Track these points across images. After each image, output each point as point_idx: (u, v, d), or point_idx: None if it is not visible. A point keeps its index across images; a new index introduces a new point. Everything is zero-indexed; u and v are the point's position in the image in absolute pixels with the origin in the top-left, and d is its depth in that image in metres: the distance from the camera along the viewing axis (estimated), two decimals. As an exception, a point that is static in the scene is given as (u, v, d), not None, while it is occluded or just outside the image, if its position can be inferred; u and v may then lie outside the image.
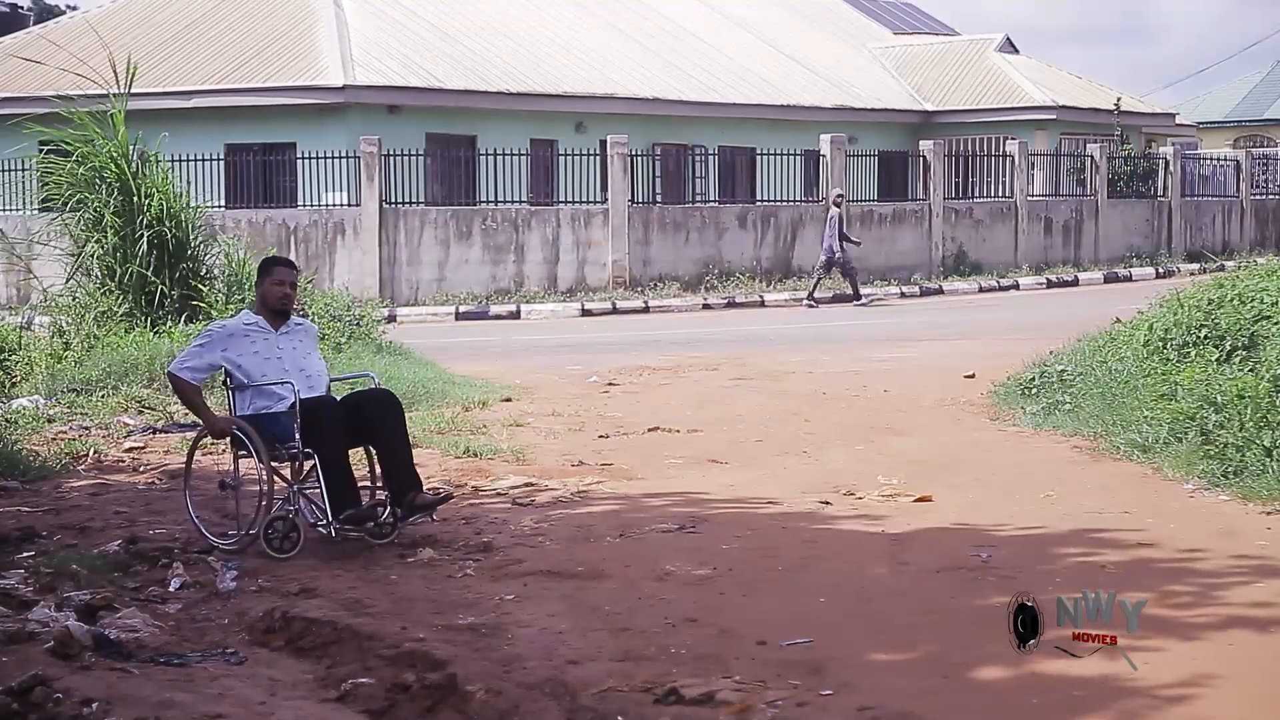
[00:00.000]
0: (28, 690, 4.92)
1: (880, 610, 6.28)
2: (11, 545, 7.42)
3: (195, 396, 7.82)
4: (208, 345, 7.79)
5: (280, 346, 7.83)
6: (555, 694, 5.16)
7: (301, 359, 7.88)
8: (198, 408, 7.85)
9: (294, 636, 5.95)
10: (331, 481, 7.48)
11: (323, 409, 7.61)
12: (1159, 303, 12.12)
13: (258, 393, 7.72)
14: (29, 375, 13.32)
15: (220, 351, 7.75)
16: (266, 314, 7.91)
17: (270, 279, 7.94)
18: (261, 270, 8.11)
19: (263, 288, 7.97)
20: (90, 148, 15.17)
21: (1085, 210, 32.43)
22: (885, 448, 10.54)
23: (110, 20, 28.42)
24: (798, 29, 39.15)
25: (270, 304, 7.91)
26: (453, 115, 27.52)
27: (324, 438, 7.49)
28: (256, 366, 7.74)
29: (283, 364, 7.78)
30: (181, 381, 7.80)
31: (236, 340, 7.78)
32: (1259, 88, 55.63)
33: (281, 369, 7.75)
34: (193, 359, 7.79)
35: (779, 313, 24.56)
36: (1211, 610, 6.10)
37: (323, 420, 7.52)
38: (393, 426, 7.70)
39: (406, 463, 7.71)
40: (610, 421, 11.96)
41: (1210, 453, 8.77)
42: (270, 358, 7.76)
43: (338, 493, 7.47)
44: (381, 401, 7.81)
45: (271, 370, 7.74)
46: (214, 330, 7.96)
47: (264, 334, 7.83)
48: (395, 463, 7.65)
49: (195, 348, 7.85)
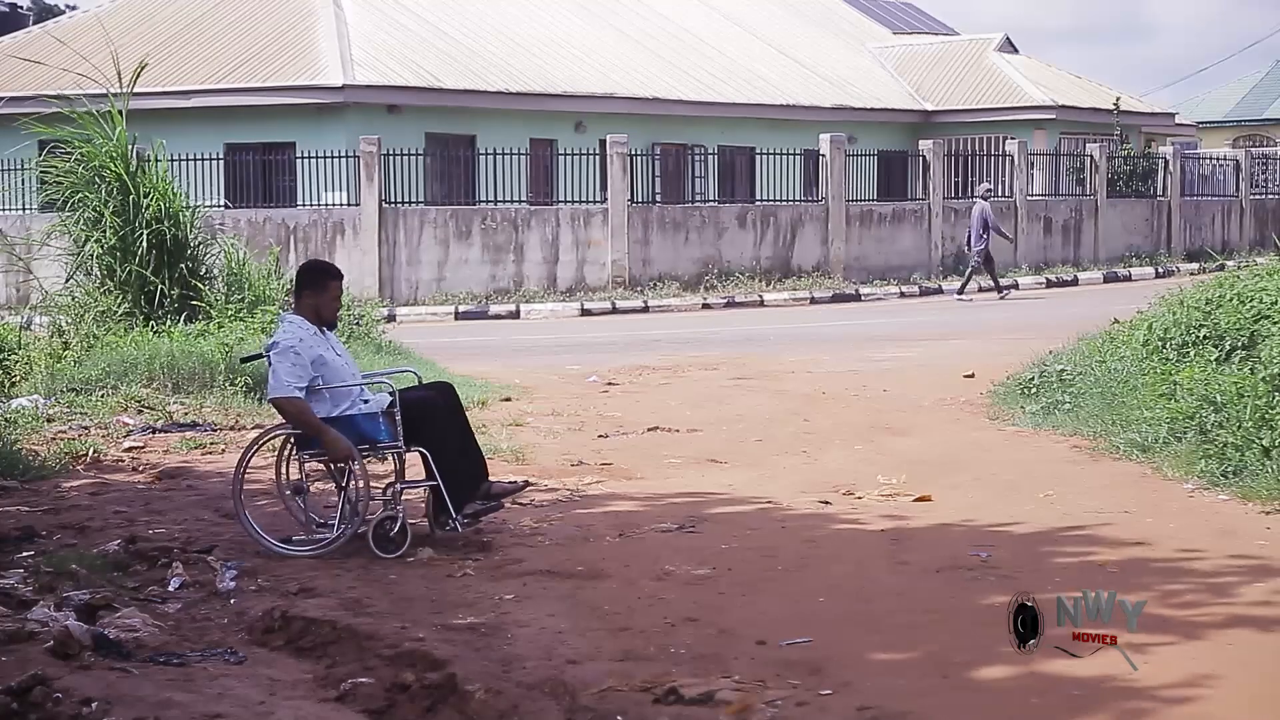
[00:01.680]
0: (27, 690, 4.91)
1: (880, 610, 6.27)
2: (11, 545, 7.41)
3: (311, 415, 7.43)
4: (296, 359, 7.44)
5: (336, 350, 7.73)
6: (555, 694, 5.16)
7: (351, 361, 7.87)
8: (319, 429, 7.42)
9: (294, 636, 5.95)
10: (450, 476, 7.48)
11: (430, 404, 7.63)
12: (1158, 302, 12.11)
13: (336, 394, 7.54)
14: (28, 375, 13.30)
15: (309, 361, 7.50)
16: (314, 320, 7.70)
17: (327, 294, 7.73)
18: (315, 281, 7.79)
19: (317, 300, 7.70)
20: (90, 147, 15.16)
21: (1085, 210, 32.43)
22: (885, 447, 10.54)
23: (110, 20, 28.39)
24: (797, 29, 39.15)
25: (326, 318, 7.75)
26: (452, 115, 27.52)
27: (433, 433, 7.49)
28: (333, 369, 7.58)
29: (348, 367, 7.69)
30: (297, 401, 7.43)
31: (309, 346, 7.54)
32: (1258, 87, 55.61)
33: (349, 372, 7.67)
34: (293, 378, 7.43)
35: (778, 312, 24.56)
36: (1211, 610, 6.10)
37: (429, 417, 7.52)
38: (460, 416, 7.80)
39: (477, 451, 7.81)
40: (610, 421, 11.96)
41: (1209, 452, 8.77)
42: (333, 358, 7.63)
43: (457, 487, 7.51)
44: (447, 393, 7.87)
45: (343, 372, 7.63)
46: (293, 343, 7.49)
47: (320, 338, 7.64)
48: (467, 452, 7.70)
49: (288, 365, 7.42)
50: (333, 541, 7.41)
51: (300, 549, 7.41)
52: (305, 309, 7.73)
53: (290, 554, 7.36)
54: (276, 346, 7.56)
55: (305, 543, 7.48)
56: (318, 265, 8.20)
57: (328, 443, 7.43)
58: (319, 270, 7.98)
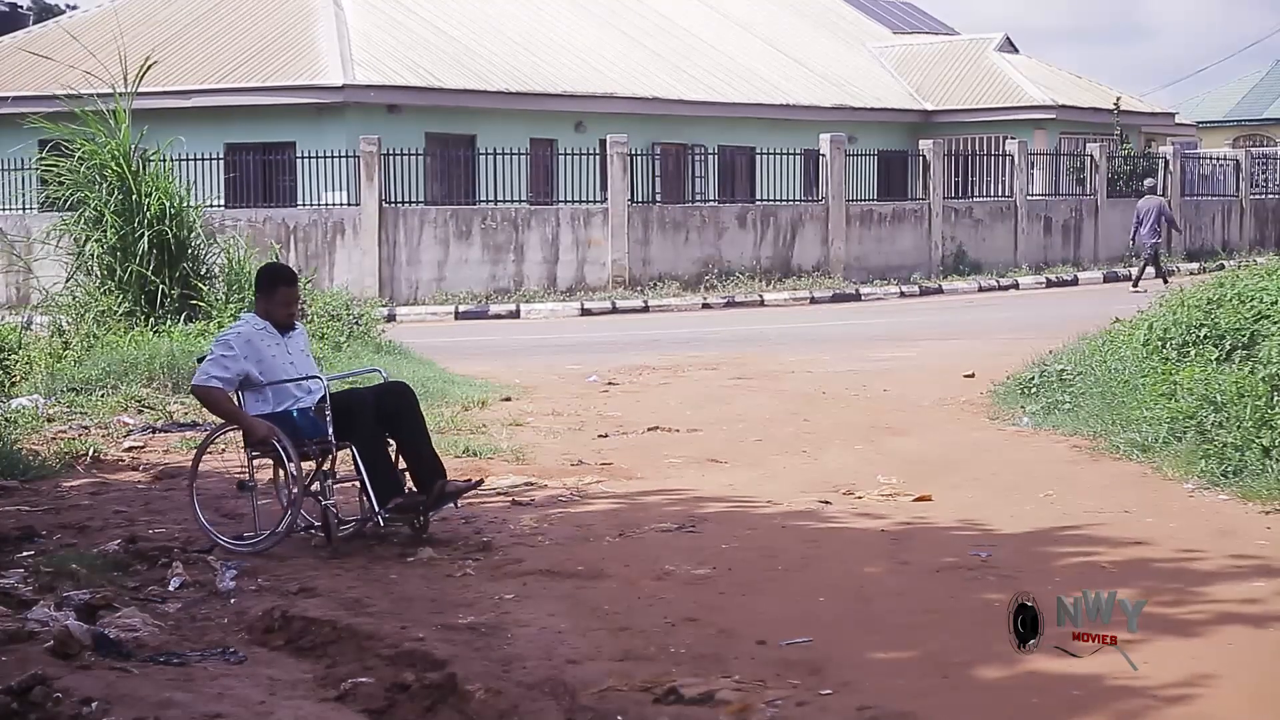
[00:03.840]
0: (27, 689, 4.92)
1: (880, 610, 6.28)
2: (11, 545, 7.42)
3: (228, 404, 7.75)
4: (233, 354, 7.70)
5: (290, 350, 7.89)
6: (555, 693, 5.16)
7: (305, 363, 7.98)
8: (234, 415, 7.76)
9: (294, 636, 5.95)
10: (375, 472, 7.55)
11: (355, 401, 7.74)
12: (1159, 302, 12.12)
13: (277, 391, 7.74)
14: (29, 375, 13.30)
15: (244, 356, 7.71)
16: (272, 322, 7.91)
17: (275, 299, 7.91)
18: (265, 285, 8.03)
19: (268, 305, 7.92)
20: (93, 145, 15.16)
21: (1085, 210, 32.43)
22: (885, 447, 10.54)
23: (110, 19, 28.37)
24: (797, 28, 39.15)
25: (275, 319, 7.91)
26: (452, 115, 27.52)
27: (360, 429, 7.58)
28: (277, 367, 7.77)
29: (295, 368, 7.84)
30: (214, 391, 7.71)
31: (255, 343, 7.77)
32: (1258, 87, 55.60)
33: (297, 371, 7.82)
34: (219, 370, 7.69)
35: (778, 312, 24.56)
36: (1211, 609, 6.10)
37: (357, 412, 7.60)
38: (412, 416, 7.82)
39: (429, 451, 7.83)
40: (610, 421, 11.96)
41: (1209, 452, 8.77)
42: (285, 362, 7.82)
43: (382, 483, 7.56)
44: (398, 392, 7.91)
45: (289, 370, 7.80)
46: (231, 338, 7.83)
47: (274, 338, 7.85)
48: (419, 451, 7.77)
49: (219, 357, 7.71)
50: (268, 537, 7.52)
51: (244, 544, 7.53)
52: (259, 309, 8.00)
53: (236, 549, 7.48)
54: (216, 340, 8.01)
55: (251, 539, 7.59)
56: (268, 269, 8.41)
57: (244, 427, 7.71)
58: (269, 274, 8.21)
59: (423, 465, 7.74)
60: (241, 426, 7.74)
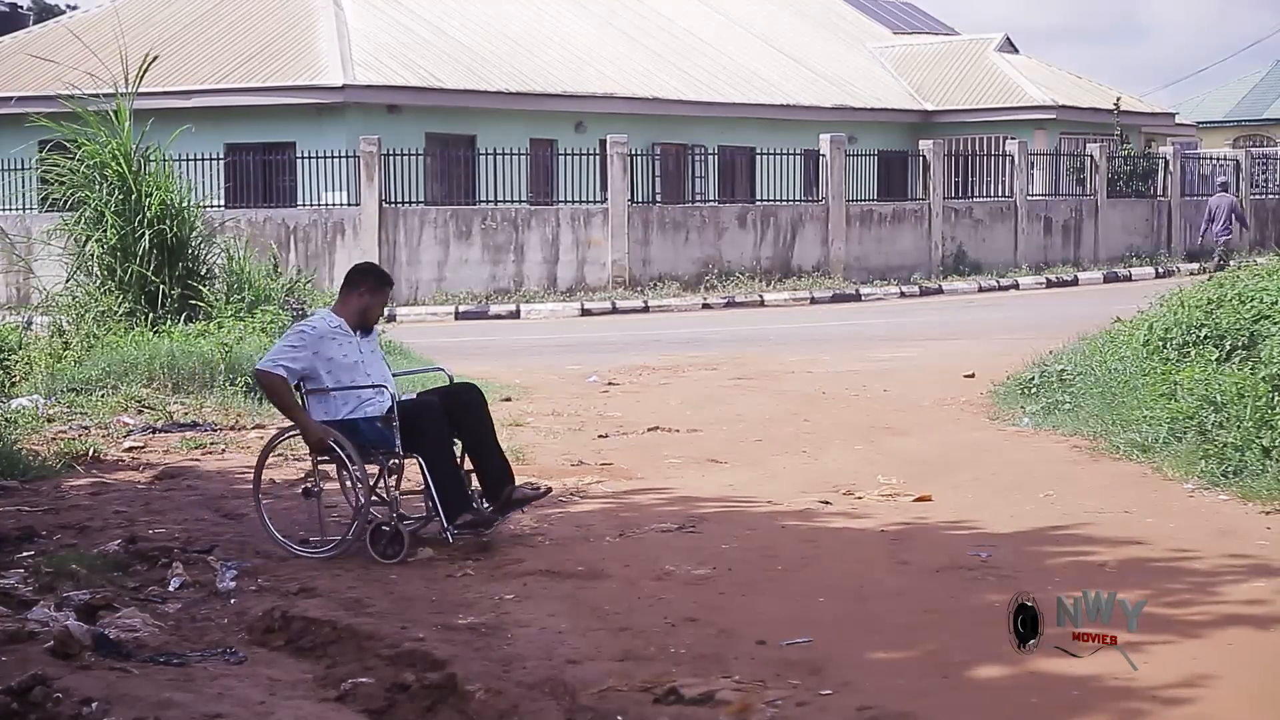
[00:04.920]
0: (27, 690, 4.92)
1: (880, 610, 6.28)
2: (11, 545, 7.41)
3: (289, 397, 7.45)
4: (301, 346, 7.44)
5: (362, 351, 7.61)
6: (555, 694, 5.16)
7: (378, 364, 7.70)
8: (292, 410, 7.46)
9: (294, 636, 5.95)
10: (443, 486, 7.30)
11: (425, 411, 7.42)
12: (1159, 302, 12.11)
13: (343, 397, 7.47)
14: (29, 375, 13.30)
15: (312, 352, 7.45)
16: (352, 321, 7.64)
17: (376, 298, 7.67)
18: (358, 282, 7.71)
19: (363, 303, 7.63)
20: (94, 145, 15.16)
21: (1085, 210, 32.43)
22: (885, 447, 10.54)
23: (110, 20, 28.37)
24: (797, 28, 39.14)
25: (367, 321, 7.67)
26: (452, 115, 27.52)
27: (429, 441, 7.31)
28: (346, 370, 7.49)
29: (364, 368, 7.55)
30: (275, 379, 7.40)
31: (326, 342, 7.49)
32: (1258, 87, 55.58)
33: (365, 374, 7.53)
34: (285, 357, 7.41)
35: (779, 312, 24.56)
36: (1210, 609, 6.10)
37: (426, 423, 7.33)
38: (479, 419, 7.56)
39: (499, 457, 7.59)
40: (610, 421, 11.96)
41: (1210, 452, 8.76)
42: (356, 361, 7.54)
43: (451, 497, 7.31)
44: (464, 393, 7.65)
45: (358, 375, 7.50)
46: (305, 330, 7.56)
47: (348, 338, 7.58)
48: (488, 457, 7.53)
49: (287, 346, 7.46)
50: (337, 545, 7.36)
51: (311, 551, 7.37)
52: (338, 308, 7.73)
53: (303, 555, 7.32)
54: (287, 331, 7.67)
55: (318, 544, 7.43)
56: (359, 268, 7.98)
57: (299, 426, 7.47)
58: (366, 274, 7.85)
59: (491, 470, 7.51)
60: (297, 425, 7.50)
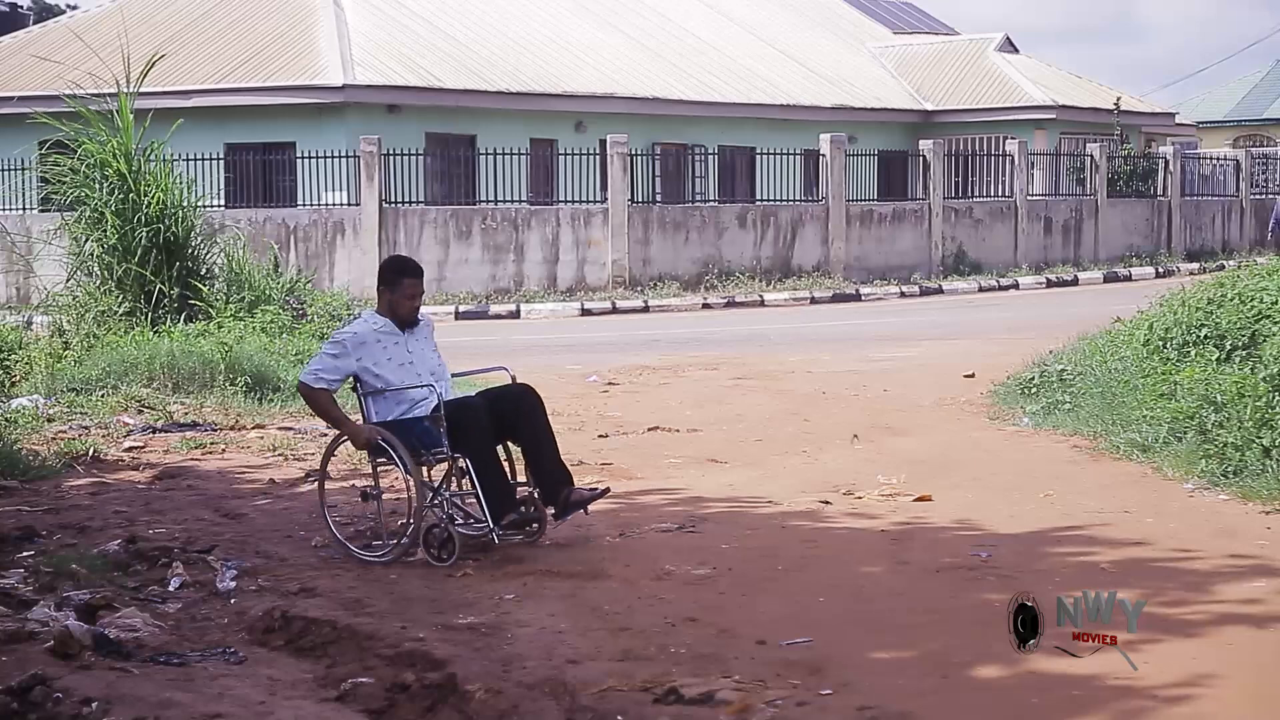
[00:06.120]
0: (27, 690, 4.92)
1: (880, 610, 6.28)
2: (11, 545, 7.41)
3: (332, 407, 7.49)
4: (341, 353, 7.43)
5: (410, 349, 7.54)
6: (555, 694, 5.16)
7: (430, 359, 7.61)
8: (337, 419, 7.50)
9: (294, 636, 5.95)
10: (488, 486, 7.21)
11: (469, 411, 7.33)
12: (1159, 302, 12.11)
13: (396, 398, 7.42)
14: (29, 375, 13.30)
15: (355, 359, 7.43)
16: (394, 318, 7.58)
17: (400, 292, 7.56)
18: (388, 277, 7.64)
19: (392, 297, 7.56)
20: (94, 144, 15.16)
21: (1085, 210, 32.43)
22: (885, 447, 10.54)
23: (110, 19, 28.40)
24: (797, 28, 39.14)
25: (402, 316, 7.58)
26: (452, 115, 27.52)
27: (473, 441, 7.23)
28: (393, 371, 7.44)
29: (415, 368, 7.49)
30: (316, 391, 7.44)
31: (369, 346, 7.45)
32: (1258, 87, 55.59)
33: (415, 373, 7.47)
34: (325, 367, 7.45)
35: (779, 312, 24.56)
36: (1210, 609, 6.10)
37: (471, 423, 7.24)
38: (536, 421, 7.46)
39: (555, 458, 7.47)
40: (610, 421, 11.96)
41: (1210, 452, 8.76)
42: (404, 362, 7.48)
43: (496, 498, 7.21)
44: (519, 395, 7.57)
45: (407, 374, 7.44)
46: (344, 337, 7.55)
47: (394, 337, 7.52)
48: (544, 459, 7.43)
49: (327, 355, 7.48)
50: (392, 548, 7.27)
51: (372, 555, 7.30)
52: (381, 306, 7.66)
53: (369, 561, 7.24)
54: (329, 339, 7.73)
55: (378, 549, 7.35)
56: (392, 261, 7.94)
57: (346, 433, 7.48)
58: (394, 267, 7.76)
59: (546, 472, 7.40)
60: (344, 432, 7.49)
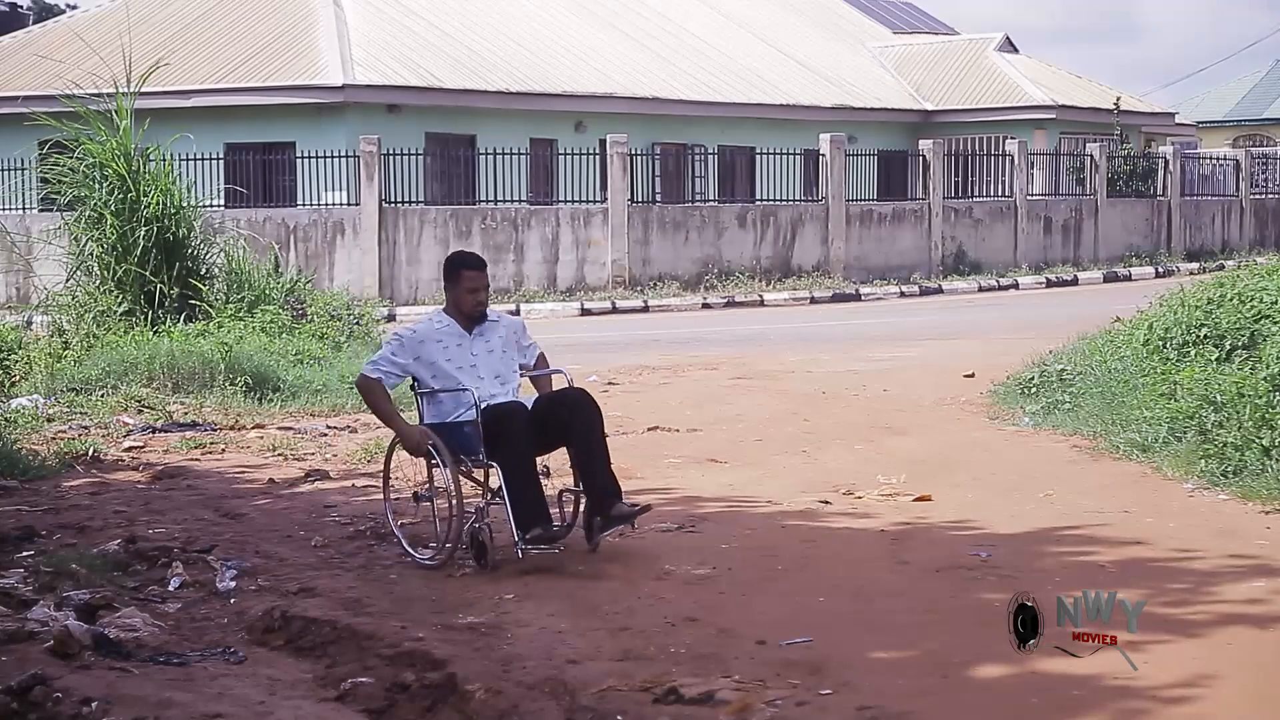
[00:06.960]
0: (27, 689, 4.92)
1: (880, 609, 6.28)
2: (11, 545, 7.41)
3: (388, 404, 7.32)
4: (399, 350, 7.33)
5: (474, 351, 7.37)
6: (555, 693, 5.16)
7: (496, 361, 7.41)
8: (390, 417, 7.33)
9: (293, 636, 5.95)
10: (516, 496, 6.97)
11: (508, 417, 7.07)
12: (1159, 302, 12.11)
13: (446, 400, 7.28)
14: (28, 375, 13.30)
15: (413, 358, 7.30)
16: (459, 317, 7.43)
17: (460, 286, 7.39)
18: (448, 272, 7.50)
19: (455, 294, 7.42)
20: (93, 144, 15.16)
21: (1085, 210, 32.43)
22: (885, 447, 10.54)
23: (109, 19, 28.41)
24: (797, 28, 39.14)
25: (466, 312, 7.43)
26: (452, 115, 27.52)
27: (508, 448, 7.00)
28: (451, 373, 7.29)
29: (477, 370, 7.30)
30: (371, 383, 7.31)
31: (429, 345, 7.31)
32: (1258, 87, 55.59)
33: (476, 375, 7.28)
34: (384, 363, 7.33)
35: (778, 312, 24.56)
36: (1210, 609, 6.10)
37: (507, 429, 7.01)
38: (587, 429, 7.17)
39: (605, 469, 7.16)
40: (609, 421, 11.85)
41: (1210, 452, 8.76)
42: (463, 365, 7.31)
43: (524, 509, 6.96)
44: (574, 403, 7.25)
45: (466, 377, 7.26)
46: (405, 335, 7.44)
47: (456, 339, 7.37)
48: (593, 469, 7.15)
49: (387, 352, 7.38)
50: (436, 552, 7.22)
51: (425, 558, 7.25)
52: (448, 304, 7.54)
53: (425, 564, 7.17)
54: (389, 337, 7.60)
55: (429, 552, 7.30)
56: (451, 256, 7.74)
57: (398, 433, 7.37)
58: (455, 261, 7.59)
59: (595, 484, 7.12)
60: (396, 433, 7.38)
